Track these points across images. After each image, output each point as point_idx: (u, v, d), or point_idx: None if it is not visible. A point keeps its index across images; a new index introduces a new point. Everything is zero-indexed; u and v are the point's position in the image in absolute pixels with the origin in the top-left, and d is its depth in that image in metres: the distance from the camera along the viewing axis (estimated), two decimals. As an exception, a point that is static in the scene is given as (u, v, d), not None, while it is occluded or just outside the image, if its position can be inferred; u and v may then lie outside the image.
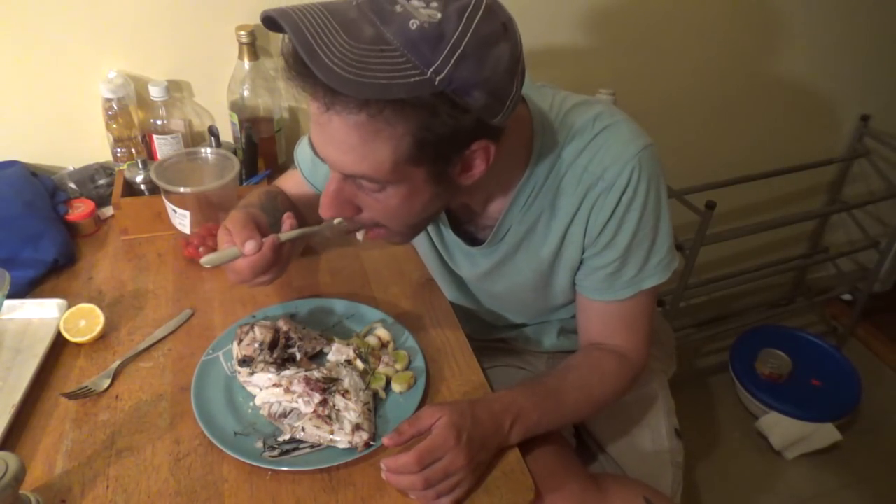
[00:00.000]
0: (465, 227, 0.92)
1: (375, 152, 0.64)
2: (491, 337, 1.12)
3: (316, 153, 0.70)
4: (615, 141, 0.79)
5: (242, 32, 1.15)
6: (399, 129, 0.63)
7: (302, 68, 0.60)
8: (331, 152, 0.67)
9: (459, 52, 0.60)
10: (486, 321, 1.11)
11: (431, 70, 0.59)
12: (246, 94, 1.20)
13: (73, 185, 1.17)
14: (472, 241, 0.91)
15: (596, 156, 0.79)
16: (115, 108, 1.14)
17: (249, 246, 0.75)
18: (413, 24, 0.59)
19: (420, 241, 0.99)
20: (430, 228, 0.95)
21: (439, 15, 0.60)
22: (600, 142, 0.79)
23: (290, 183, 1.02)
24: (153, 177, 1.00)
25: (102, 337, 0.92)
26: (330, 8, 0.61)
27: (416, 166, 0.67)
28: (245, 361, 0.84)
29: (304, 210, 0.99)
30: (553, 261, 0.88)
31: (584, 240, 0.84)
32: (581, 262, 0.87)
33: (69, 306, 0.93)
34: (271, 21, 0.61)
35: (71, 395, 0.83)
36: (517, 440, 0.78)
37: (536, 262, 0.89)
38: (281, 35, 0.63)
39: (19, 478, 0.62)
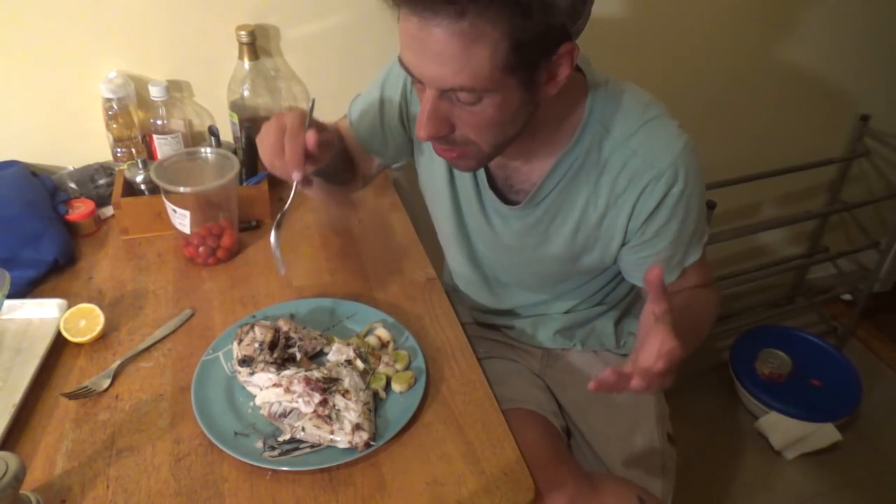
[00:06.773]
0: (498, 188, 0.93)
1: (475, 59, 0.66)
2: (489, 322, 1.12)
3: (409, 72, 0.71)
4: (665, 133, 0.82)
5: (242, 32, 1.15)
6: (497, 33, 0.65)
7: None
8: (430, 67, 0.68)
9: None
10: (487, 299, 1.10)
11: None
12: (246, 93, 1.20)
13: (73, 185, 1.17)
14: (505, 202, 0.92)
15: (646, 142, 0.81)
16: (115, 108, 1.14)
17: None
18: None
19: (441, 203, 0.99)
20: (461, 188, 0.95)
21: None
22: (651, 130, 0.82)
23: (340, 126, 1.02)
24: (153, 177, 1.00)
25: (102, 337, 0.92)
26: None
27: (511, 73, 0.68)
28: (245, 361, 0.84)
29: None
30: (589, 235, 0.90)
31: (629, 224, 0.86)
32: (623, 247, 0.89)
33: (69, 306, 0.93)
34: None
35: (71, 395, 0.83)
36: None
37: (570, 232, 0.90)
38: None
39: (19, 478, 0.62)
